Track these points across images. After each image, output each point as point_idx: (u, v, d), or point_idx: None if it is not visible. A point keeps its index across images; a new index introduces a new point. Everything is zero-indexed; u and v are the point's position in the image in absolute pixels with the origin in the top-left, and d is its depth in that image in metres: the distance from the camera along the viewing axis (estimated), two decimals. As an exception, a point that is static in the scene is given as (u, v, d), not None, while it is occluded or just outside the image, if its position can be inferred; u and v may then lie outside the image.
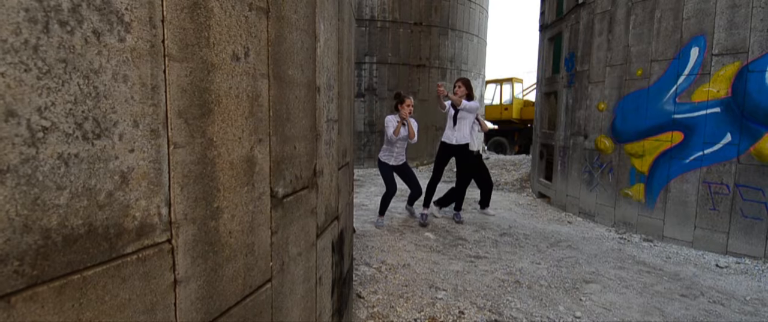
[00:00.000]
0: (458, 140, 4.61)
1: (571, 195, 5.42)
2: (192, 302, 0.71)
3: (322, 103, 1.24)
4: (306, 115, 1.11)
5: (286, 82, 0.99)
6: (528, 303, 2.80)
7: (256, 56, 0.86)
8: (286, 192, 1.01)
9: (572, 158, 5.40)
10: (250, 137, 0.85)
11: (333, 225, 1.43)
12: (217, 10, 0.73)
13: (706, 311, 2.76)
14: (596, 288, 3.07)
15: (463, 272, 3.33)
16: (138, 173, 0.61)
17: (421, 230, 4.53)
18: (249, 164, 0.85)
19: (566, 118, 5.59)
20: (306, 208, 1.13)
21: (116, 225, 0.58)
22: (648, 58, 4.31)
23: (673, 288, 3.11)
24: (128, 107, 0.59)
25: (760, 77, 3.63)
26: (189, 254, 0.70)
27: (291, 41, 1.00)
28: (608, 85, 4.77)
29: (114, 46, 0.57)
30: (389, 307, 2.68)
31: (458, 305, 2.74)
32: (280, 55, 0.95)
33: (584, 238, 4.36)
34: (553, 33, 6.20)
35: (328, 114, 1.31)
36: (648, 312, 2.72)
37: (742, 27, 3.71)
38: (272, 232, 0.95)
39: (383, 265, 3.43)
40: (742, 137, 3.73)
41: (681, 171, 4.09)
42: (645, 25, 4.34)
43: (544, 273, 3.33)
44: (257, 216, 0.89)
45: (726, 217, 3.85)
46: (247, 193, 0.85)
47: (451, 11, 10.10)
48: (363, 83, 9.52)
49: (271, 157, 0.93)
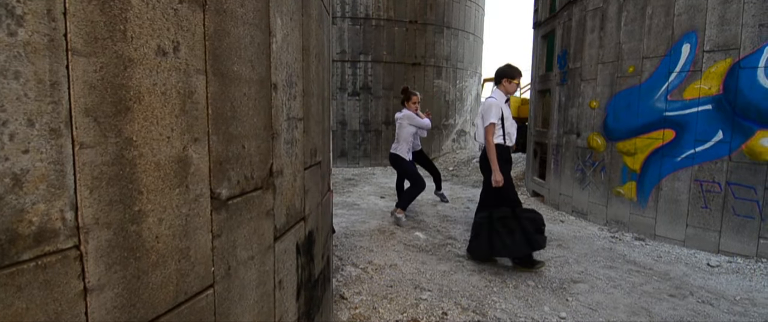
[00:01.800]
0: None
1: (564, 194, 5.38)
2: (108, 310, 0.67)
3: (281, 101, 1.20)
4: (258, 113, 1.07)
5: (231, 78, 0.95)
6: (513, 304, 2.77)
7: (190, 51, 0.82)
8: (233, 194, 0.97)
9: (565, 157, 5.36)
10: (182, 137, 0.81)
11: (298, 227, 1.39)
12: (135, 2, 0.69)
13: (694, 311, 2.72)
14: (584, 288, 3.03)
15: (451, 272, 3.29)
16: (34, 175, 0.57)
17: (412, 229, 4.50)
18: (181, 164, 0.81)
19: (559, 116, 5.54)
20: (259, 210, 1.09)
21: (8, 231, 0.54)
22: (639, 55, 4.26)
23: (662, 288, 3.07)
24: (21, 105, 0.55)
25: (752, 74, 3.58)
26: (103, 260, 0.66)
27: (236, 36, 0.96)
28: (600, 83, 4.73)
29: (2, 41, 0.53)
30: (372, 308, 2.64)
31: (442, 305, 2.70)
32: (221, 50, 0.91)
33: (575, 237, 4.32)
34: (547, 30, 6.15)
35: (288, 112, 1.27)
36: (635, 312, 2.68)
37: (733, 23, 3.66)
38: (214, 235, 0.91)
39: (370, 265, 3.39)
40: (733, 135, 3.69)
41: (673, 169, 4.05)
42: (636, 21, 4.29)
43: (532, 273, 3.29)
44: (193, 219, 0.85)
45: (718, 215, 3.81)
46: (179, 195, 0.81)
47: (446, 9, 10.04)
48: (358, 82, 9.48)
49: (211, 158, 0.89)
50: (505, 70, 3.48)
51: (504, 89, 3.46)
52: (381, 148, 9.69)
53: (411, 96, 4.87)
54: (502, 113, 3.36)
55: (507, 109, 3.45)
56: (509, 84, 3.44)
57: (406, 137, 4.80)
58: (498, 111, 3.33)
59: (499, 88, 3.50)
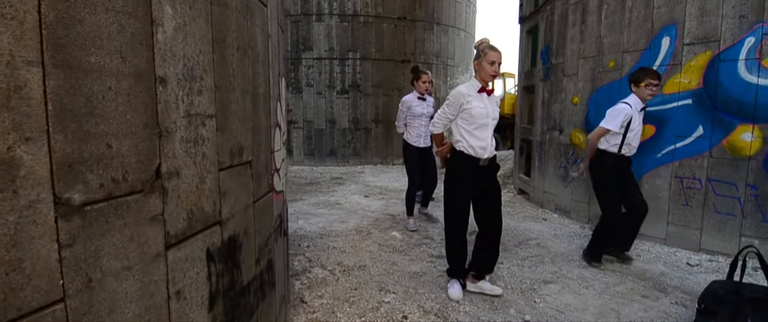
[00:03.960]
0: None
1: (548, 191, 5.28)
2: None
3: (174, 96, 1.11)
4: (133, 108, 0.98)
5: (86, 71, 0.86)
6: (478, 306, 2.67)
7: (16, 41, 0.73)
8: (92, 198, 0.88)
9: (548, 154, 5.26)
10: (7, 136, 0.72)
11: (209, 232, 1.30)
12: None
13: (666, 313, 2.63)
14: (555, 289, 2.94)
15: (421, 274, 3.20)
16: None
17: (389, 229, 4.40)
18: (5, 167, 0.72)
19: (543, 112, 5.44)
20: (138, 215, 1.00)
21: None
22: (620, 49, 4.16)
23: (636, 288, 2.97)
24: None
25: (732, 67, 3.48)
26: None
27: (93, 24, 0.87)
28: (582, 78, 4.62)
29: None
30: (331, 312, 2.55)
31: (404, 309, 2.61)
32: (69, 40, 0.82)
33: (555, 235, 4.22)
34: (531, 25, 6.05)
35: (189, 108, 1.18)
36: (603, 314, 2.59)
37: (713, 14, 3.55)
38: (62, 245, 0.82)
39: (338, 266, 3.31)
40: (714, 130, 3.58)
41: (653, 166, 3.95)
42: (616, 14, 4.19)
43: (504, 273, 3.20)
44: (27, 228, 0.76)
45: (699, 213, 3.71)
46: (3, 201, 0.72)
47: (436, 5, 9.93)
48: (347, 80, 9.38)
49: (54, 159, 0.80)
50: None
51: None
52: (371, 146, 9.60)
53: (420, 75, 4.29)
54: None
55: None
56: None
57: (411, 122, 4.32)
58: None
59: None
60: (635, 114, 3.13)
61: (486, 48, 2.61)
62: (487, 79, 2.64)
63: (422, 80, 4.27)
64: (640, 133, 3.24)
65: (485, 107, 2.65)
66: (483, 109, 2.64)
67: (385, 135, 9.50)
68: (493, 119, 2.70)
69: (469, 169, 2.66)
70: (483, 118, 2.63)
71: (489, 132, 2.68)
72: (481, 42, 2.68)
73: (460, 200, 2.71)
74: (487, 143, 2.66)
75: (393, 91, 9.44)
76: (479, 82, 2.66)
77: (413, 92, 4.37)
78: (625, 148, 3.19)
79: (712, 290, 2.36)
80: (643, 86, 3.11)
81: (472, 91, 2.66)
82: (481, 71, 2.63)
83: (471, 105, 2.62)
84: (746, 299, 2.20)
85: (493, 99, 2.76)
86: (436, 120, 2.82)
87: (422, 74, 4.29)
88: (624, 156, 3.23)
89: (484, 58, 2.59)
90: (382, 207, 5.43)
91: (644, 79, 3.10)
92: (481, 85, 2.66)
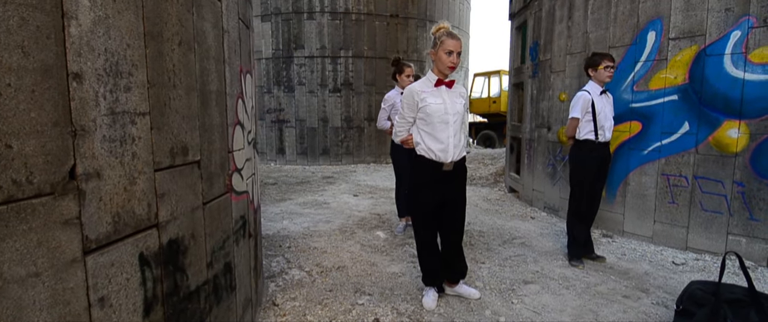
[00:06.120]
0: None
1: (537, 189, 5.22)
2: None
3: (91, 93, 1.05)
4: (39, 106, 0.92)
5: (-27, 66, 0.80)
6: (454, 308, 2.62)
7: None
8: (-16, 202, 0.82)
9: (537, 151, 5.20)
10: None
11: (141, 236, 1.24)
12: None
13: (645, 313, 2.57)
14: (534, 289, 2.88)
15: (400, 274, 3.14)
16: None
17: (374, 229, 4.35)
18: None
19: (531, 109, 5.38)
20: (48, 219, 0.95)
21: None
22: (606, 44, 4.09)
23: (618, 288, 2.91)
24: None
25: (718, 61, 3.41)
26: None
27: (-17, 16, 0.81)
28: (569, 75, 4.56)
29: None
30: (301, 315, 2.50)
31: (377, 311, 2.55)
32: (-50, 31, 0.76)
33: (541, 234, 4.16)
34: (520, 21, 5.98)
35: (111, 106, 1.12)
36: (581, 315, 2.53)
37: (699, 8, 3.48)
38: (-57, 252, 0.76)
39: (316, 268, 3.25)
40: (700, 126, 3.52)
41: (639, 163, 3.88)
42: (603, 9, 4.12)
43: (484, 274, 3.14)
44: None
45: (685, 211, 3.64)
46: None
47: (429, 2, 9.86)
48: (339, 78, 9.32)
49: (-70, 160, 0.74)
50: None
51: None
52: (363, 145, 9.54)
53: (403, 68, 3.94)
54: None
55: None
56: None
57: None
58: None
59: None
60: (595, 98, 3.16)
61: (443, 35, 2.32)
62: (445, 71, 2.37)
63: (406, 74, 3.91)
64: (610, 115, 3.26)
65: (443, 103, 2.39)
66: (440, 105, 2.38)
67: (378, 134, 9.44)
68: (456, 115, 2.43)
69: (431, 176, 2.44)
70: (441, 115, 2.37)
71: (451, 131, 2.40)
72: (438, 28, 2.39)
73: (424, 208, 2.51)
74: (448, 145, 2.39)
75: (386, 89, 9.35)
76: (436, 74, 2.40)
77: (395, 88, 4.08)
78: (600, 132, 3.19)
79: (690, 290, 2.30)
80: (601, 69, 3.16)
81: (427, 87, 2.41)
82: (437, 62, 2.37)
83: (426, 102, 2.37)
84: (724, 301, 2.13)
85: (455, 92, 2.46)
86: (397, 126, 2.58)
87: (405, 67, 3.94)
88: (602, 143, 3.23)
89: (441, 46, 2.31)
90: (369, 206, 5.38)
91: (602, 62, 3.16)
92: (438, 77, 2.40)
